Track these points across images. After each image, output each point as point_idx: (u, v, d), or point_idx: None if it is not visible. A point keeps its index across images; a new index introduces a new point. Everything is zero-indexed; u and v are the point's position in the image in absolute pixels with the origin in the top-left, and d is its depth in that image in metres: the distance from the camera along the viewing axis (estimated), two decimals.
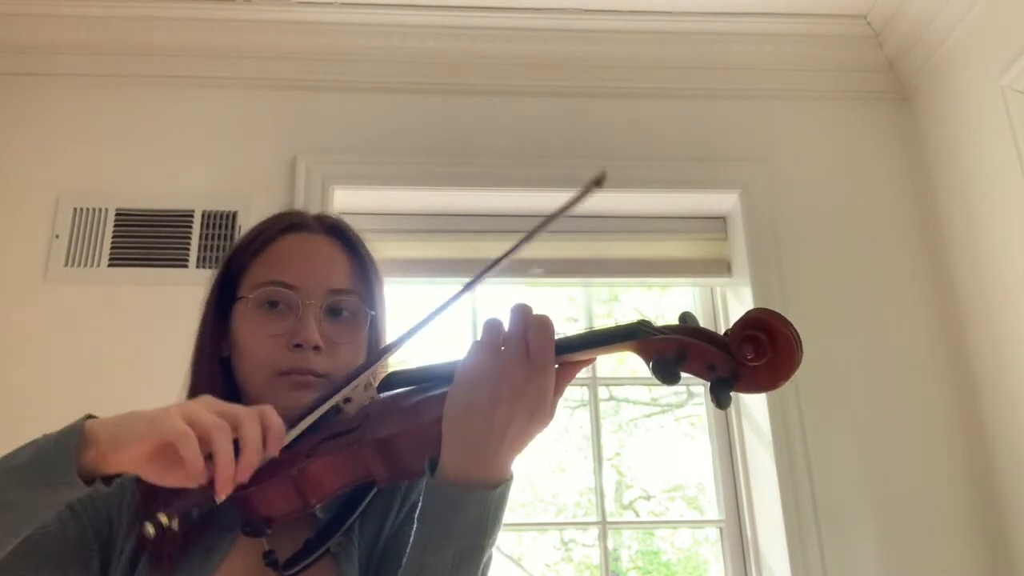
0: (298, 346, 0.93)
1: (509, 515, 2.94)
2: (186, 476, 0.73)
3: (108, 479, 0.76)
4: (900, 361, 2.35)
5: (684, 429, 2.66)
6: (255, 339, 0.96)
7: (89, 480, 0.75)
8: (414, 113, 2.55)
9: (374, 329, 1.01)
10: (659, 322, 0.79)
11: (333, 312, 0.98)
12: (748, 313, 0.73)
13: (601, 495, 2.43)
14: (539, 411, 0.76)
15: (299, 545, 0.89)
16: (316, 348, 0.94)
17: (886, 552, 2.19)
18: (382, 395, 0.90)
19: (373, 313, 1.01)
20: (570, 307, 2.77)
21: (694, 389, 2.60)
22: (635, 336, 0.77)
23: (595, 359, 0.83)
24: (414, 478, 0.86)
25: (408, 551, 0.80)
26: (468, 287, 0.86)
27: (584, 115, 2.58)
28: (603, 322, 2.75)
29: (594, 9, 2.59)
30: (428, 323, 0.85)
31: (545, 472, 2.59)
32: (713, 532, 2.47)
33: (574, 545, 2.60)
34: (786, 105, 2.65)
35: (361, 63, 2.58)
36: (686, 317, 0.79)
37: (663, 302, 2.85)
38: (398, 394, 0.90)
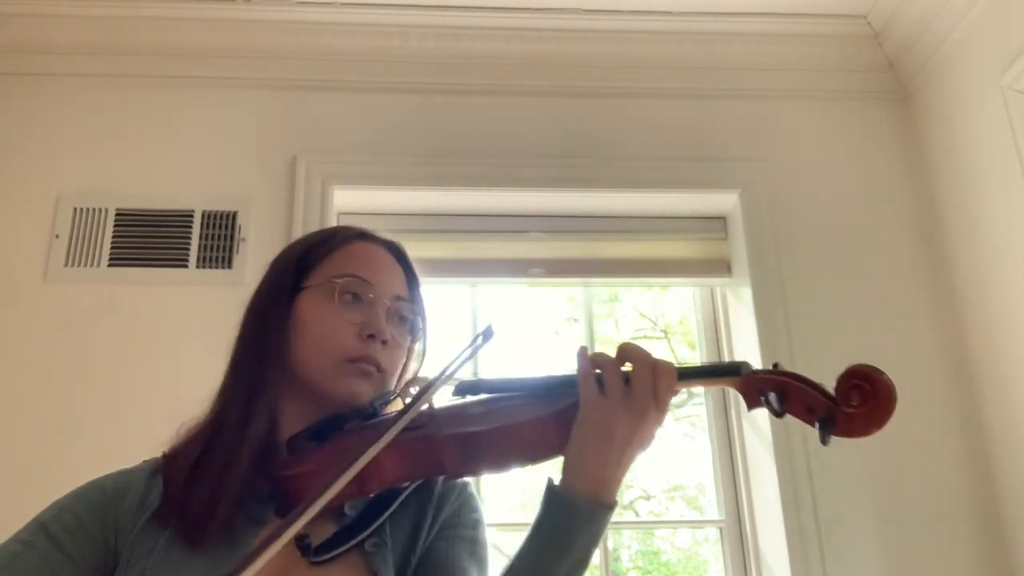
0: (371, 337, 0.98)
1: (509, 515, 2.95)
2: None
3: None
4: (900, 360, 2.35)
5: (684, 429, 2.66)
6: (331, 323, 0.99)
7: None
8: (414, 113, 2.54)
9: (421, 339, 1.09)
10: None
11: (395, 315, 1.04)
12: (854, 366, 0.82)
13: None
14: (649, 440, 0.88)
15: (326, 536, 0.91)
16: (383, 342, 0.99)
17: (886, 552, 2.19)
18: (448, 404, 0.97)
19: (425, 325, 1.08)
20: (570, 307, 2.77)
21: (694, 389, 2.60)
22: (739, 372, 0.87)
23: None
24: (477, 474, 0.93)
25: (516, 561, 0.88)
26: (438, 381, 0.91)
27: (584, 115, 2.58)
28: (603, 322, 2.75)
29: (594, 9, 2.59)
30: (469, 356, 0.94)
31: (544, 473, 2.58)
32: (713, 532, 2.47)
33: None
34: (786, 105, 2.65)
35: (361, 63, 2.58)
36: (778, 365, 0.88)
37: (663, 302, 2.85)
38: (466, 401, 0.97)
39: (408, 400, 0.92)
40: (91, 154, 2.42)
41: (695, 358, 2.62)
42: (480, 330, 0.95)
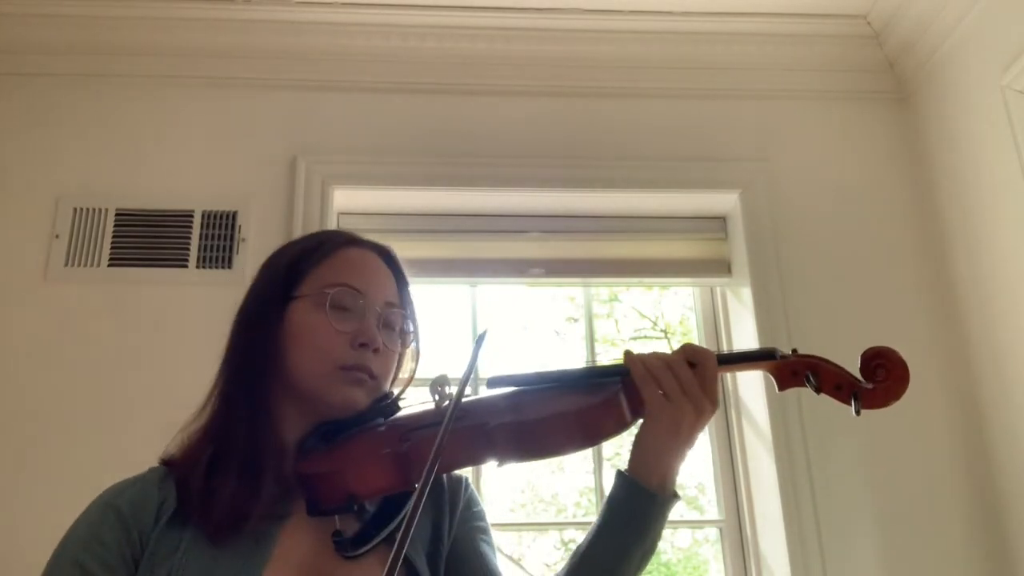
0: (363, 345, 1.01)
1: (509, 515, 2.94)
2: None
3: None
4: None
5: None
6: (323, 333, 1.01)
7: None
8: (414, 113, 2.54)
9: (414, 344, 1.11)
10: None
11: (386, 323, 1.06)
12: (872, 348, 0.96)
13: (601, 495, 2.43)
14: (704, 427, 0.97)
15: (354, 532, 0.94)
16: (375, 350, 1.02)
17: (886, 552, 2.19)
18: (487, 396, 1.01)
19: (416, 330, 1.10)
20: (570, 307, 2.77)
21: None
22: (773, 356, 0.99)
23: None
24: (529, 460, 0.99)
25: (588, 550, 0.95)
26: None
27: (584, 115, 2.58)
28: (603, 322, 2.75)
29: (594, 9, 2.58)
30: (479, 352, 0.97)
31: (545, 472, 2.59)
32: (713, 532, 2.47)
33: (574, 545, 2.60)
34: (786, 105, 2.65)
35: (361, 63, 2.58)
36: (796, 350, 1.01)
37: (663, 302, 2.85)
38: (499, 393, 1.01)
39: (436, 398, 0.99)
40: (91, 154, 2.42)
41: None
42: (477, 337, 0.98)
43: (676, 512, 2.87)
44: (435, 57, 2.60)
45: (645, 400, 0.94)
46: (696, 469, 2.56)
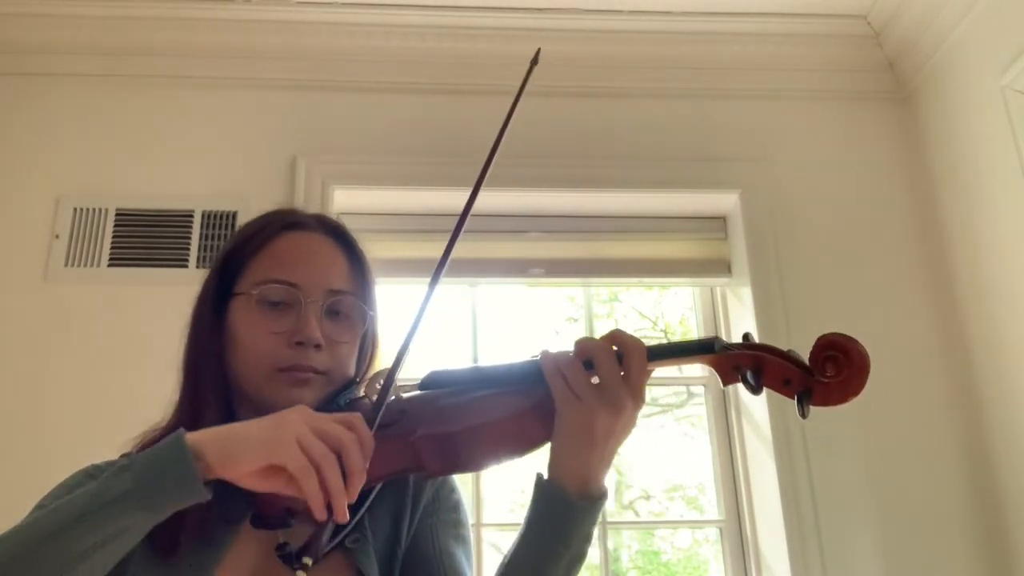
0: (299, 344, 0.95)
1: (509, 515, 2.93)
2: (300, 497, 0.76)
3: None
4: (900, 361, 2.35)
5: (684, 429, 2.66)
6: (256, 335, 0.96)
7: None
8: (414, 113, 2.54)
9: (369, 328, 1.04)
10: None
11: (332, 311, 0.99)
12: (826, 336, 0.82)
13: None
14: (632, 425, 0.87)
15: (305, 539, 0.89)
16: (317, 346, 0.95)
17: (886, 552, 2.19)
18: (409, 394, 0.93)
19: (372, 314, 1.03)
20: (570, 307, 2.77)
21: (694, 389, 2.61)
22: (712, 349, 0.85)
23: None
24: (458, 472, 0.92)
25: (513, 559, 0.87)
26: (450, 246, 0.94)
27: (584, 115, 2.58)
28: (603, 323, 2.75)
29: (594, 9, 2.58)
30: (422, 316, 0.91)
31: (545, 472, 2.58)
32: (713, 532, 2.47)
33: None
34: (786, 105, 2.65)
35: (361, 63, 2.58)
36: (749, 336, 0.88)
37: (663, 302, 2.85)
38: (436, 393, 0.93)
39: (375, 396, 0.90)
40: (91, 154, 2.42)
41: None
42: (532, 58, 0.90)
43: (676, 512, 2.84)
44: (435, 57, 2.60)
45: (555, 400, 0.85)
46: (696, 469, 2.56)
